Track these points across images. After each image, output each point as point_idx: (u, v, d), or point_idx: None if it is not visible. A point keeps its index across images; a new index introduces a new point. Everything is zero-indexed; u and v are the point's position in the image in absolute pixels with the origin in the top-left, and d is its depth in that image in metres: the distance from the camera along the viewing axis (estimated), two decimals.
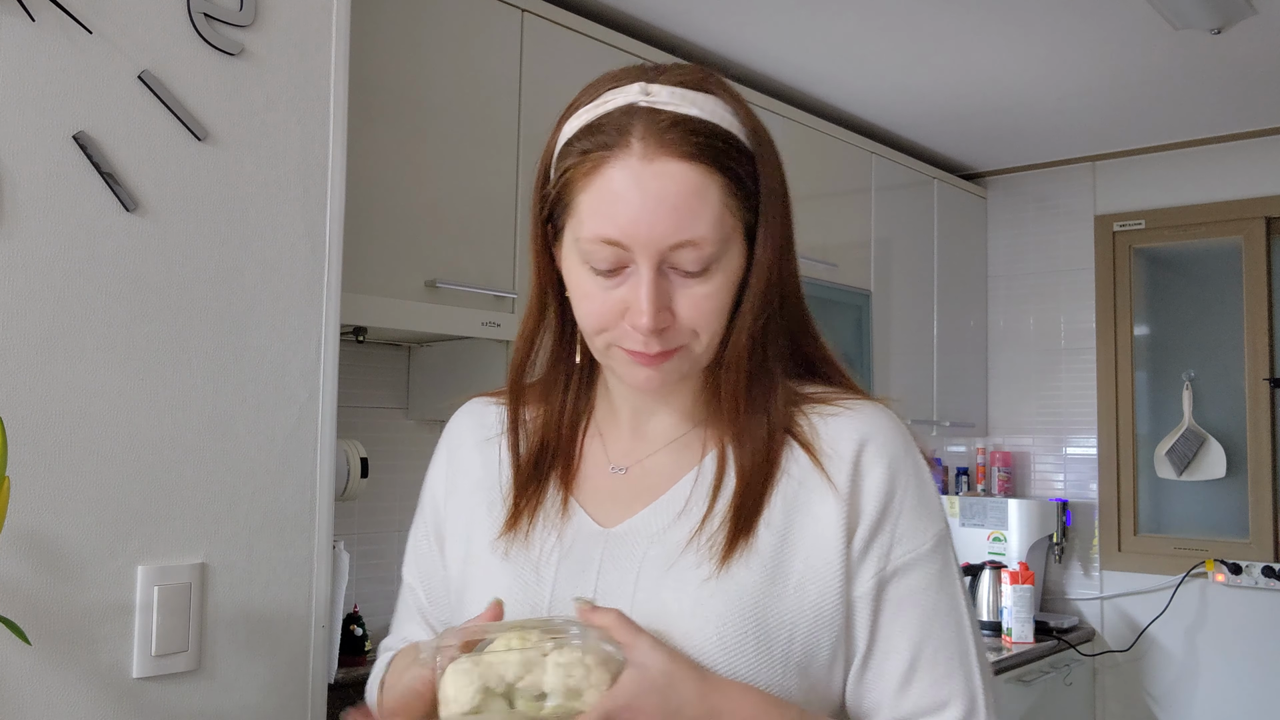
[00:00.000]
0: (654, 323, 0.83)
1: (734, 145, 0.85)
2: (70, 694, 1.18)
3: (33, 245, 1.17)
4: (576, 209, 0.86)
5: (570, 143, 0.87)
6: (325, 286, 1.43)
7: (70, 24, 1.20)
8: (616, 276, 0.85)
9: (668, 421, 0.96)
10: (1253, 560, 3.37)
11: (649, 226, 0.82)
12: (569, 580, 0.91)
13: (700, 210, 0.82)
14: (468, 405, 1.08)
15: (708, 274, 0.85)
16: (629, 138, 0.83)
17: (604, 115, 0.86)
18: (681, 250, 0.83)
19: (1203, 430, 3.54)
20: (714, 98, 0.86)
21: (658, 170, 0.82)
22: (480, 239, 2.10)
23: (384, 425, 2.33)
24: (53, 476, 1.18)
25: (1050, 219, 3.86)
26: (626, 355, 0.87)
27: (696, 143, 0.83)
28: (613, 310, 0.86)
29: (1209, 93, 3.10)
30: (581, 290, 0.88)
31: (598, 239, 0.83)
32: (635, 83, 0.86)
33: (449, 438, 1.07)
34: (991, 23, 2.60)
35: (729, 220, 0.85)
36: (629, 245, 0.83)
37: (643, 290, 0.83)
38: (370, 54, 1.88)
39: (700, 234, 0.82)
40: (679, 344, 0.87)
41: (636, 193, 0.82)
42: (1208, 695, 3.44)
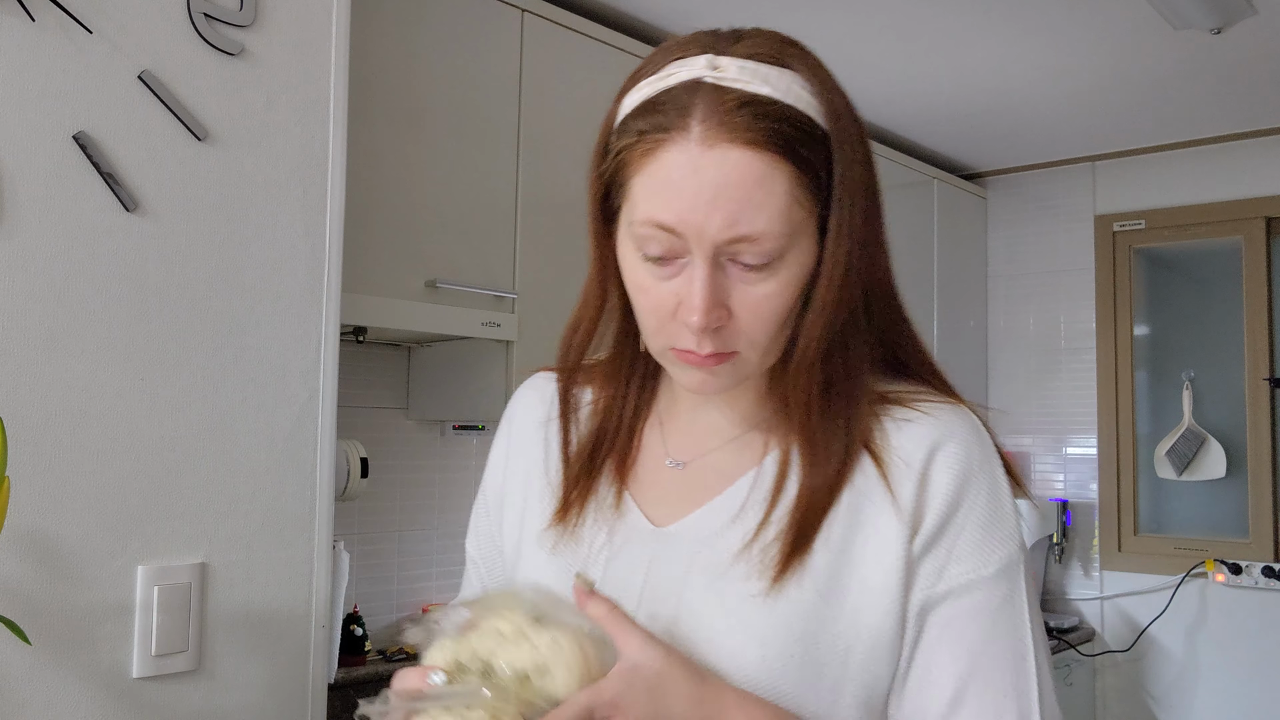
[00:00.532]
0: (706, 321, 0.76)
1: (807, 129, 0.76)
2: (70, 694, 1.18)
3: (33, 245, 1.17)
4: (630, 192, 0.79)
5: (628, 120, 0.79)
6: (325, 286, 1.43)
7: (70, 24, 1.20)
8: (670, 265, 0.78)
9: (731, 417, 0.89)
10: (1253, 560, 3.37)
11: (705, 218, 0.74)
12: (616, 578, 0.86)
13: (763, 202, 0.74)
14: (534, 380, 1.01)
15: (770, 270, 0.77)
16: (689, 119, 0.75)
17: (665, 91, 0.77)
18: (740, 245, 0.75)
19: (1203, 430, 3.54)
20: (790, 73, 0.77)
21: (718, 157, 0.74)
22: (480, 239, 2.10)
23: (384, 425, 2.33)
24: (53, 476, 1.18)
25: (1050, 219, 3.86)
26: (678, 357, 0.81)
27: (763, 128, 0.74)
28: (665, 305, 0.79)
29: (1209, 93, 3.10)
30: (635, 281, 0.81)
31: (650, 223, 0.76)
32: (703, 54, 0.77)
33: (511, 413, 1.01)
34: (991, 23, 2.60)
35: (797, 213, 0.76)
36: (683, 233, 0.75)
37: (696, 285, 0.76)
38: (370, 54, 1.88)
39: (761, 228, 0.74)
40: (733, 348, 0.79)
41: (693, 181, 0.74)
42: (1208, 695, 3.44)
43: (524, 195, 2.17)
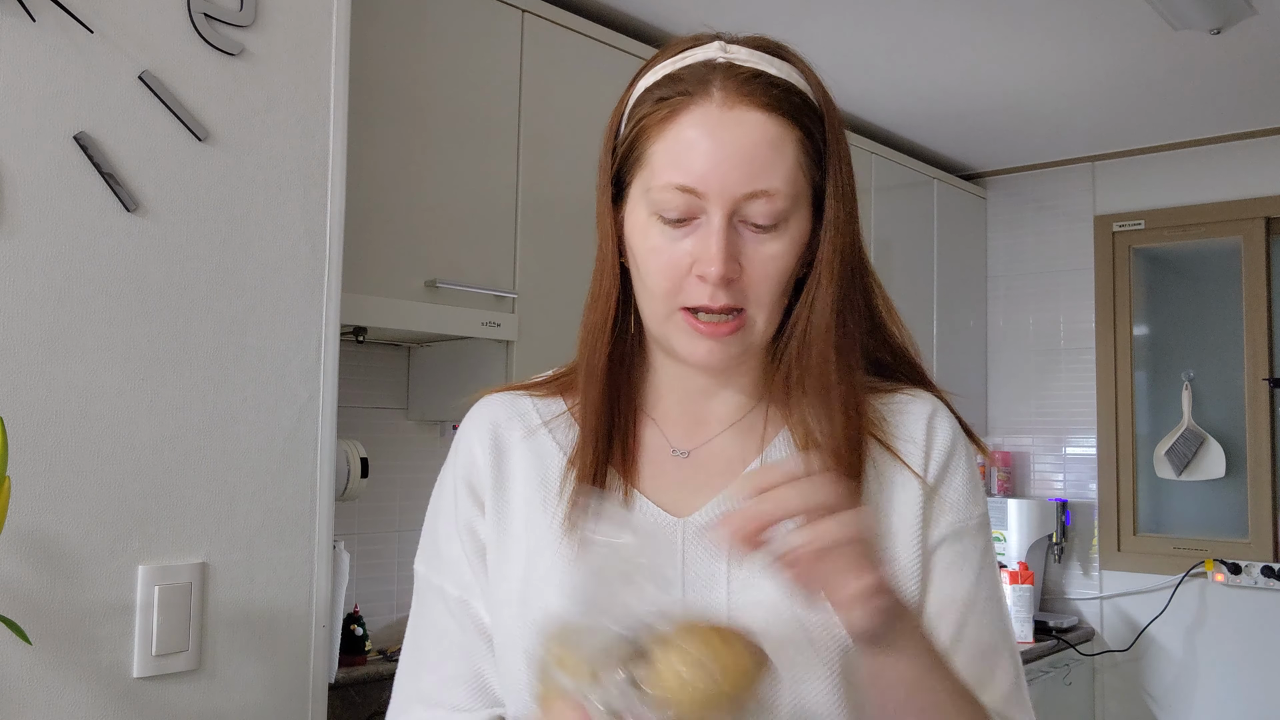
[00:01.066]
0: (724, 269, 0.81)
1: (808, 104, 0.85)
2: (70, 693, 1.18)
3: (33, 245, 1.17)
4: (649, 159, 0.85)
5: (647, 92, 0.87)
6: (325, 286, 1.43)
7: (71, 24, 1.20)
8: (685, 226, 0.83)
9: (731, 402, 0.93)
10: (1252, 560, 3.37)
11: (725, 173, 0.81)
12: None
13: (776, 161, 0.82)
14: (493, 399, 1.00)
15: (777, 231, 0.84)
16: (709, 87, 0.83)
17: (684, 67, 0.86)
18: (754, 201, 0.82)
19: (1202, 430, 3.54)
20: (787, 63, 0.87)
21: (737, 118, 0.82)
22: (480, 239, 2.10)
23: (384, 425, 2.33)
24: (53, 476, 1.18)
25: (1050, 219, 3.86)
26: (688, 326, 0.85)
27: (775, 95, 0.83)
28: (680, 263, 0.84)
29: (1209, 93, 3.10)
30: (649, 245, 0.85)
31: (671, 186, 0.83)
32: (714, 42, 0.87)
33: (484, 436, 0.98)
34: (992, 23, 2.60)
35: (800, 179, 0.84)
36: (703, 192, 0.82)
37: (713, 238, 0.82)
38: (370, 54, 1.88)
39: (775, 185, 0.82)
40: (741, 305, 0.84)
41: (714, 139, 0.82)
42: (1207, 695, 3.44)
43: (524, 195, 2.18)
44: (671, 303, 0.85)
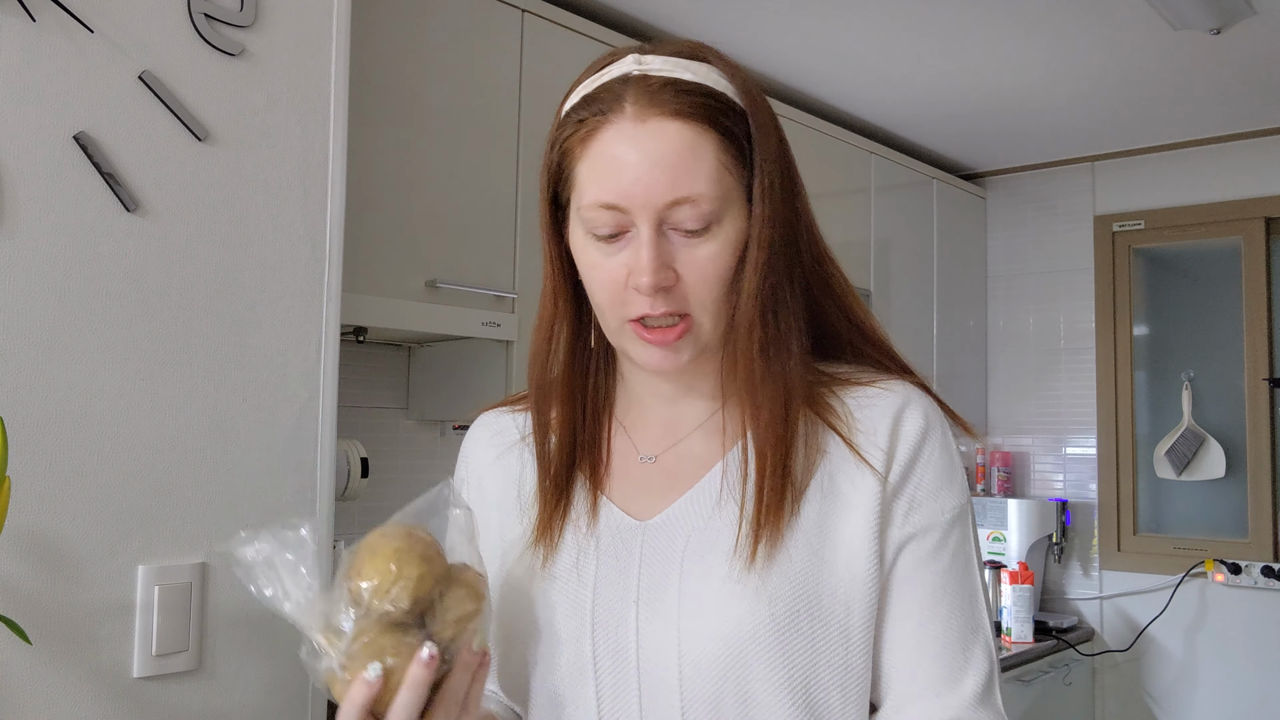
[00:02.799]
0: (655, 279, 0.83)
1: (726, 104, 0.85)
2: (70, 694, 1.18)
3: (33, 245, 1.17)
4: (576, 180, 0.86)
5: (567, 115, 0.88)
6: (325, 287, 1.43)
7: (71, 24, 1.20)
8: (618, 242, 0.85)
9: (697, 406, 0.95)
10: (1252, 560, 3.37)
11: (645, 186, 0.82)
12: (610, 578, 0.89)
13: (695, 166, 0.83)
14: (480, 420, 1.06)
15: (709, 234, 0.84)
16: (622, 102, 0.84)
17: (599, 86, 0.87)
18: (679, 208, 0.83)
19: (1202, 430, 3.54)
20: (706, 64, 0.87)
21: (651, 129, 0.83)
22: (480, 239, 2.10)
23: (384, 425, 2.33)
24: (53, 476, 1.18)
25: (1050, 219, 3.87)
26: (637, 335, 0.87)
27: (689, 101, 0.83)
28: (617, 276, 0.85)
29: (1209, 93, 3.10)
30: (588, 261, 0.87)
31: (597, 204, 0.84)
32: (628, 55, 0.88)
33: (467, 458, 1.05)
34: (991, 23, 2.60)
35: (727, 179, 0.84)
36: (627, 207, 0.83)
37: (643, 250, 0.83)
38: (370, 54, 1.88)
39: (697, 190, 0.82)
40: (684, 310, 0.85)
41: (632, 154, 0.83)
42: (1207, 695, 3.44)
43: (524, 195, 2.17)
44: (618, 315, 0.87)
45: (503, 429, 1.02)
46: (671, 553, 0.88)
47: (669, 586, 0.87)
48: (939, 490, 0.89)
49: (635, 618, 0.87)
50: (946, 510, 0.89)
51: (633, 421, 0.97)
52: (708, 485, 0.90)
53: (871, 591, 0.86)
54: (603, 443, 0.96)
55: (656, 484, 0.93)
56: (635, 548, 0.90)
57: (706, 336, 0.88)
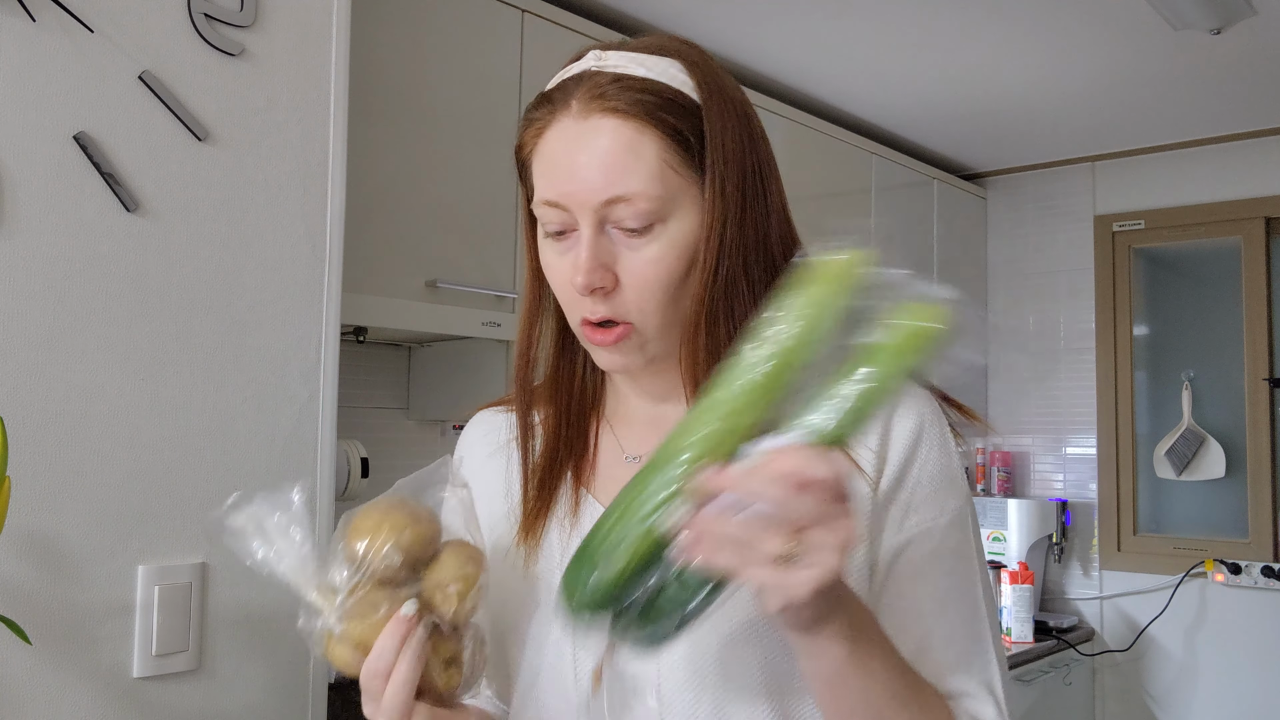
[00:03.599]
0: (588, 279, 0.81)
1: (675, 100, 0.83)
2: (70, 694, 1.18)
3: (33, 245, 1.17)
4: (531, 177, 0.87)
5: (526, 113, 0.89)
6: (325, 286, 1.43)
7: (71, 24, 1.20)
8: (566, 239, 0.84)
9: (681, 407, 0.90)
10: (1252, 560, 3.37)
11: (581, 183, 0.81)
12: None
13: (632, 165, 0.81)
14: (475, 418, 1.05)
15: (652, 234, 0.82)
16: (570, 99, 0.83)
17: (557, 84, 0.87)
18: (617, 206, 0.81)
19: (1202, 430, 3.54)
20: (667, 59, 0.85)
21: (590, 127, 0.82)
22: (480, 239, 2.10)
23: (384, 425, 2.33)
24: (53, 476, 1.18)
25: (1050, 219, 3.87)
26: (588, 336, 0.86)
27: (629, 98, 0.82)
28: (565, 276, 0.85)
29: (1209, 93, 3.10)
30: (545, 260, 0.88)
31: (542, 201, 0.84)
32: (593, 51, 0.87)
33: (461, 457, 1.04)
34: (992, 23, 2.60)
35: (672, 178, 0.82)
36: (568, 205, 0.82)
37: (581, 249, 0.82)
38: (370, 54, 1.88)
39: (634, 189, 0.80)
40: (624, 317, 0.83)
41: (570, 151, 0.82)
42: (1207, 695, 3.44)
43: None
44: (574, 315, 0.87)
45: (494, 428, 1.01)
46: None
47: None
48: (936, 492, 0.86)
49: None
50: (946, 512, 0.86)
51: (620, 420, 0.95)
52: None
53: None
54: (589, 441, 0.94)
55: None
56: None
57: (651, 342, 0.85)
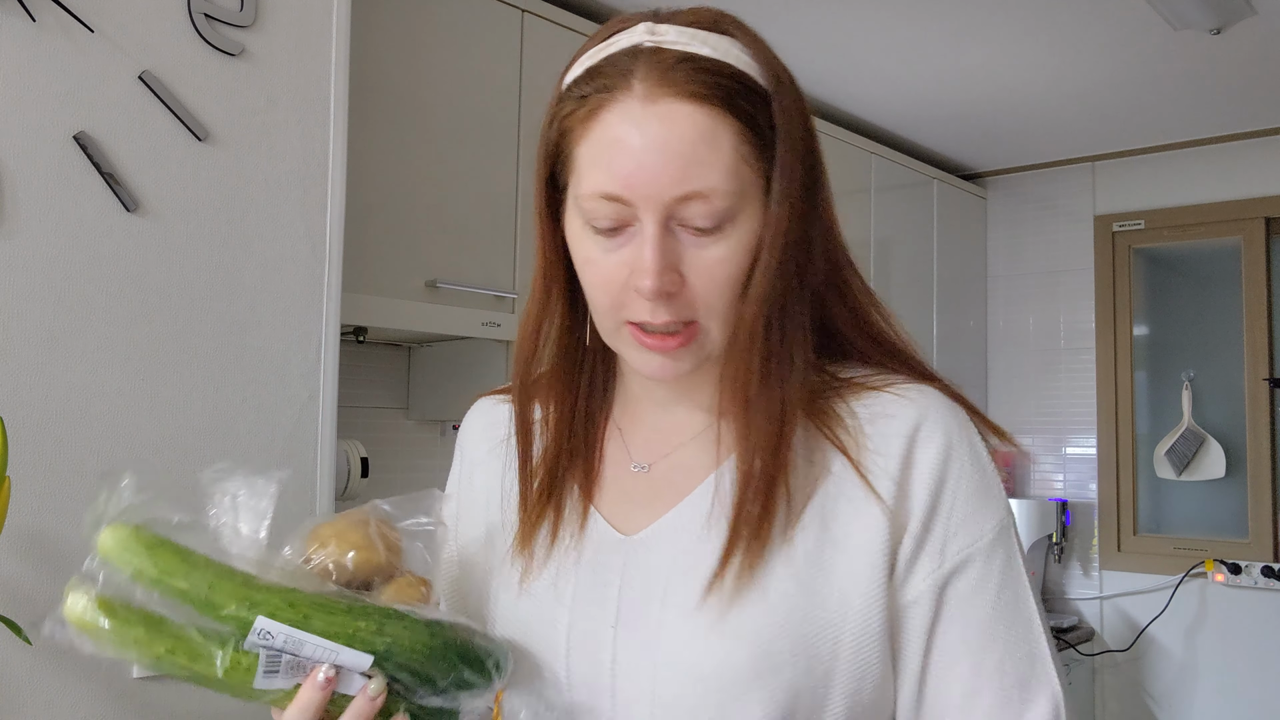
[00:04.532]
0: (658, 283, 0.73)
1: (749, 86, 0.75)
2: (70, 694, 1.18)
3: (33, 245, 1.17)
4: (575, 163, 0.77)
5: (569, 89, 0.78)
6: (325, 286, 1.43)
7: (71, 24, 1.20)
8: (619, 236, 0.76)
9: (694, 415, 0.86)
10: (1252, 560, 3.37)
11: (652, 175, 0.72)
12: (588, 596, 0.82)
13: (710, 158, 0.73)
14: (476, 405, 0.99)
15: (721, 234, 0.75)
16: (630, 79, 0.74)
17: (605, 58, 0.76)
18: (690, 204, 0.73)
19: (1202, 430, 3.54)
20: (728, 38, 0.76)
21: (661, 112, 0.72)
22: (480, 239, 2.10)
23: (384, 425, 2.33)
24: (53, 476, 1.18)
25: (1050, 219, 3.87)
26: (636, 340, 0.78)
27: (705, 81, 0.73)
28: (616, 275, 0.76)
29: (1209, 93, 3.10)
30: (584, 255, 0.78)
31: (597, 194, 0.74)
32: (641, 23, 0.77)
33: (461, 441, 0.98)
34: (992, 23, 2.60)
35: (745, 172, 0.74)
36: (630, 199, 0.73)
37: (646, 248, 0.73)
38: (370, 54, 1.88)
39: (711, 184, 0.73)
40: (689, 317, 0.76)
41: (638, 138, 0.73)
42: (1207, 695, 3.44)
43: (524, 195, 2.17)
44: (615, 317, 0.78)
45: (496, 421, 0.94)
46: (655, 574, 0.80)
47: (649, 614, 0.79)
48: (975, 511, 0.79)
49: (612, 643, 0.80)
50: (986, 532, 0.79)
51: (629, 425, 0.89)
52: (698, 500, 0.82)
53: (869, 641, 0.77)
54: (596, 446, 0.88)
55: (645, 495, 0.85)
56: (617, 565, 0.82)
57: (713, 345, 0.79)
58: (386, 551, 0.77)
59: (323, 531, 0.78)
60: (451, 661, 0.74)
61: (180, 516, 0.76)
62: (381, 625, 0.72)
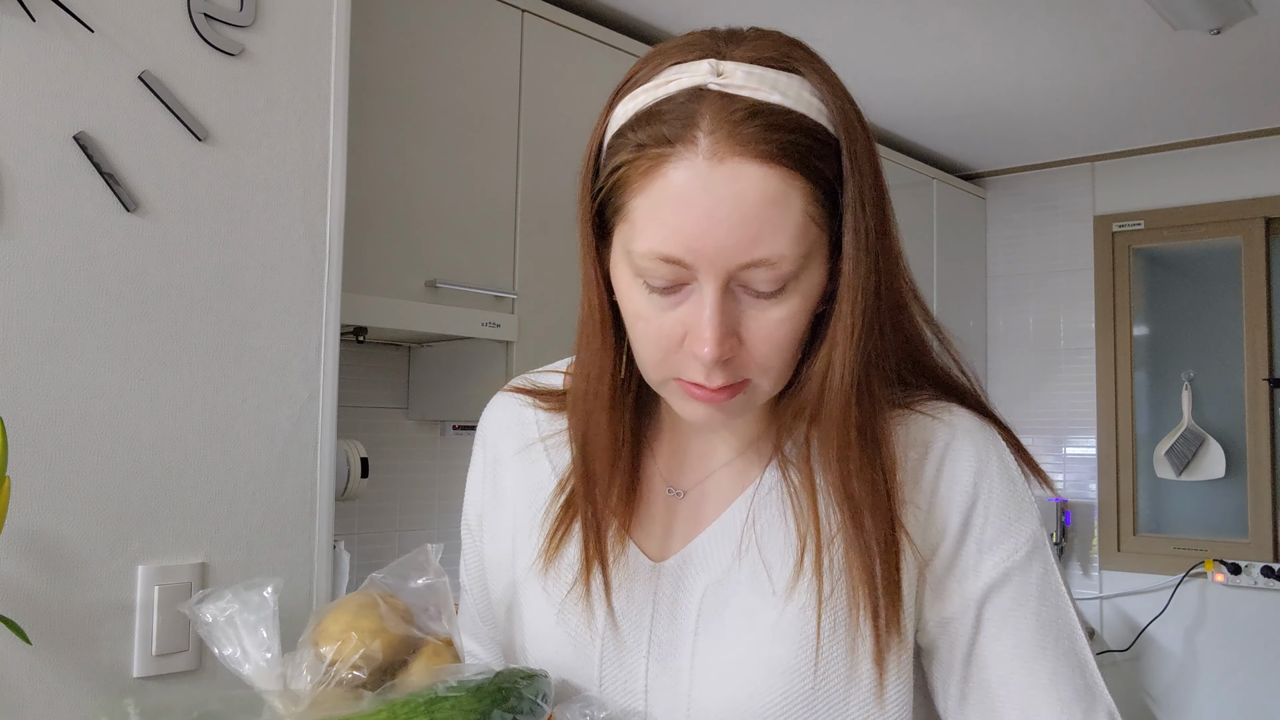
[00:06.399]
0: (718, 352, 0.70)
1: (821, 139, 0.70)
2: (70, 694, 1.18)
3: (33, 245, 1.17)
4: (629, 214, 0.72)
5: (624, 132, 0.72)
6: (325, 286, 1.43)
7: (71, 24, 1.20)
8: (675, 294, 0.72)
9: (729, 440, 0.84)
10: (1252, 560, 3.37)
11: (717, 241, 0.68)
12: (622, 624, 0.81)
13: (780, 223, 0.68)
14: (499, 401, 0.95)
15: (783, 295, 0.71)
16: (695, 131, 0.68)
17: (666, 99, 0.70)
18: (754, 270, 0.69)
19: (1202, 430, 3.54)
20: (799, 78, 0.71)
21: (730, 173, 0.67)
22: (480, 239, 2.10)
23: (384, 425, 2.33)
24: (53, 476, 1.18)
25: (1050, 219, 3.87)
26: (684, 392, 0.75)
27: (778, 140, 0.68)
28: (671, 335, 0.72)
29: (1208, 93, 3.10)
30: (634, 310, 0.74)
31: (654, 255, 0.70)
32: (705, 59, 0.71)
33: (484, 436, 0.95)
34: (991, 23, 2.60)
35: (812, 232, 0.70)
36: (692, 263, 0.69)
37: (706, 313, 0.70)
38: (370, 54, 1.88)
39: (779, 251, 0.68)
40: (744, 377, 0.73)
41: (705, 200, 0.68)
42: (1207, 695, 3.44)
43: (524, 195, 2.18)
44: (664, 372, 0.75)
45: (524, 422, 0.92)
46: (687, 603, 0.79)
47: (682, 644, 0.78)
48: (1009, 525, 0.78)
49: (645, 674, 0.79)
50: (1021, 545, 0.78)
51: (666, 448, 0.86)
52: (728, 523, 0.81)
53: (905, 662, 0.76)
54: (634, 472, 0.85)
55: (677, 520, 0.83)
56: (649, 593, 0.81)
57: (763, 395, 0.76)
58: (404, 624, 0.77)
59: (334, 627, 0.77)
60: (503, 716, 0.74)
61: (195, 711, 0.77)
62: (431, 716, 0.72)
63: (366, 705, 0.73)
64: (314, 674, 0.75)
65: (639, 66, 0.75)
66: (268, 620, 0.77)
